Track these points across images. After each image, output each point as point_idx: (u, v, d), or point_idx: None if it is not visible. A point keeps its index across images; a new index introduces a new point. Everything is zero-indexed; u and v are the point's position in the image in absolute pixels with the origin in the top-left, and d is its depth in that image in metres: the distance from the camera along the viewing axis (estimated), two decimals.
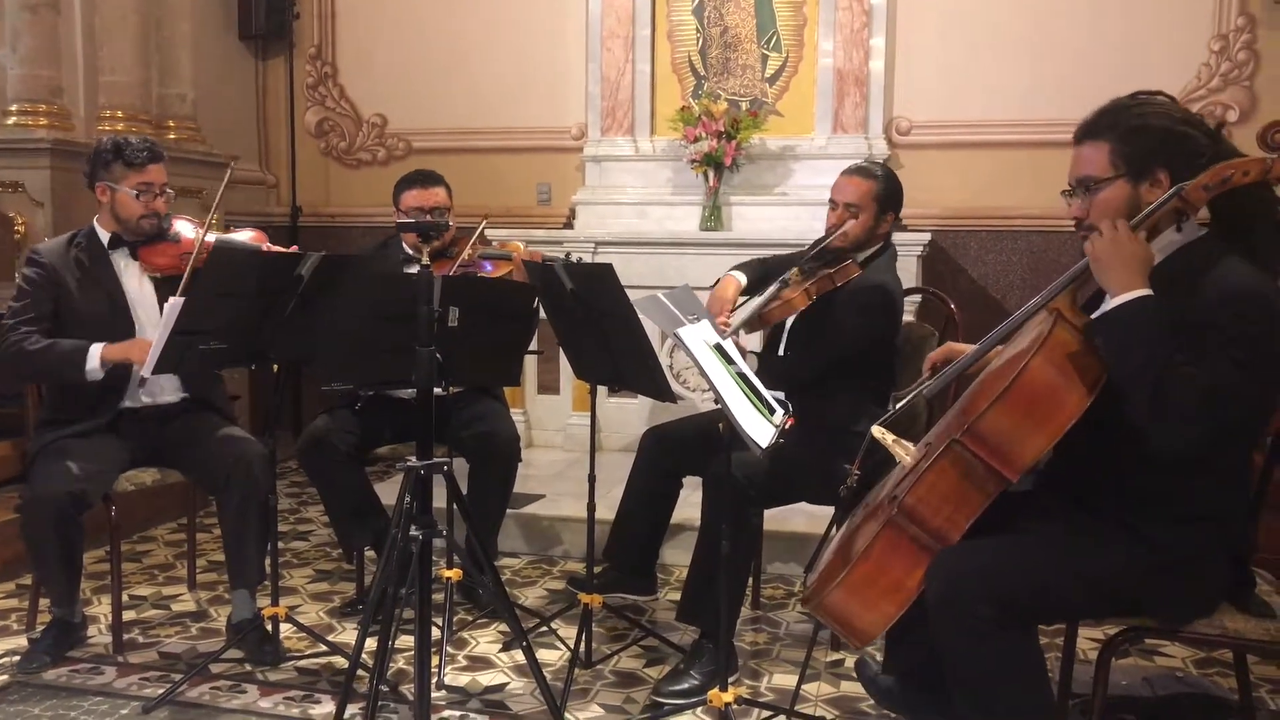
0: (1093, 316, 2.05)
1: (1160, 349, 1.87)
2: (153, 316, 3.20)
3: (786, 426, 2.40)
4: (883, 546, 2.06)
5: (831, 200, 3.21)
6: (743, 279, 3.31)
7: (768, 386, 2.54)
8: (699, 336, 2.43)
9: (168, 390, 3.29)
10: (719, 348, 2.47)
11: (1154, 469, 2.00)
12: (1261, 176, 1.94)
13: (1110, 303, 1.96)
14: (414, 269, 2.41)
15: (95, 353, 3.04)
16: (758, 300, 3.15)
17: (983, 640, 1.97)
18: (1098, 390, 1.94)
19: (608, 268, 2.67)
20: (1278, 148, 1.99)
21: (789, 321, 3.26)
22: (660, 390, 2.72)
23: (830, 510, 3.22)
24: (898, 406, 2.45)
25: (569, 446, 5.18)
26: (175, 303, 2.77)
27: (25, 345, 3.06)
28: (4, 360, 3.09)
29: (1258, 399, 1.92)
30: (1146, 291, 1.92)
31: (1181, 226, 2.02)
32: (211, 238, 3.22)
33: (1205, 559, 2.06)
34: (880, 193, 3.15)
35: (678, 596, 3.23)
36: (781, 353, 3.29)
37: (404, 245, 3.67)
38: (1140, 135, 2.01)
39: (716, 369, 2.37)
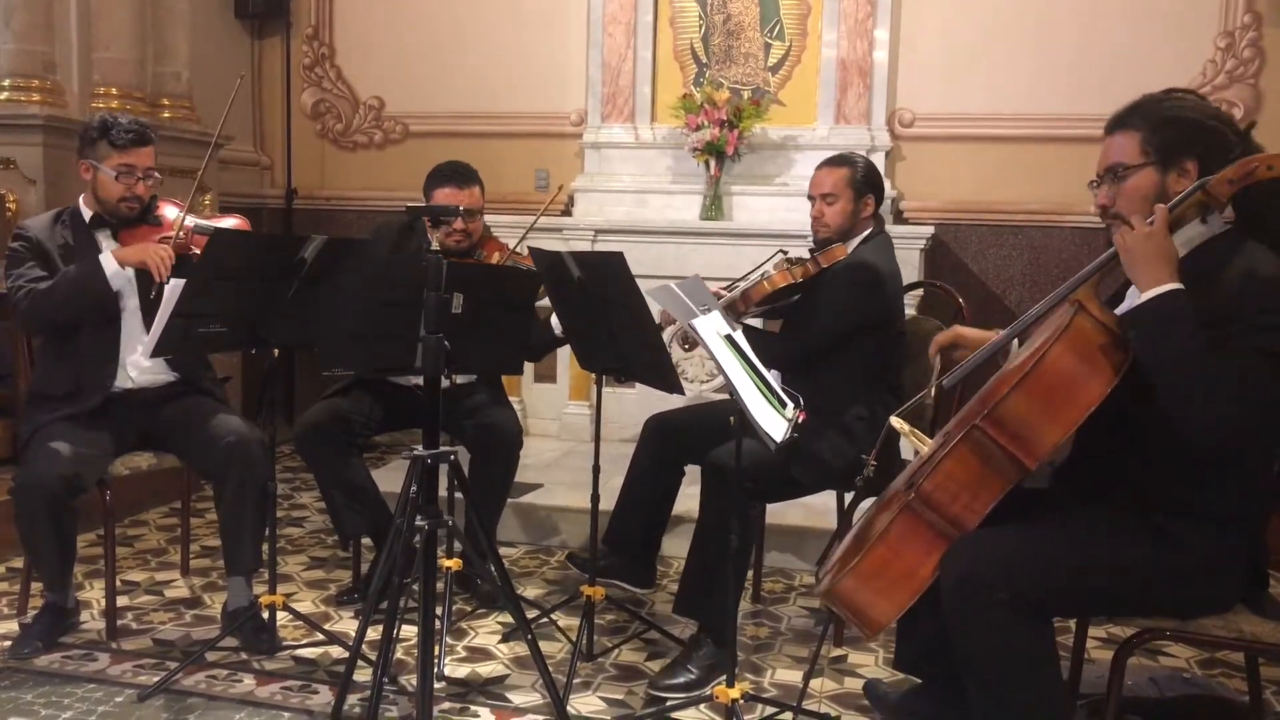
0: (1121, 310, 2.03)
1: (1193, 342, 1.87)
2: (134, 299, 3.15)
3: (799, 420, 2.37)
4: (899, 532, 2.04)
5: (810, 196, 3.23)
6: None
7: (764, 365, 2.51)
8: (711, 328, 2.39)
9: (157, 371, 3.23)
10: (729, 339, 2.43)
11: (1178, 467, 1.98)
12: None
13: (1140, 297, 1.94)
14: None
15: (108, 259, 3.03)
16: (743, 284, 3.15)
17: (998, 628, 1.95)
18: (1118, 380, 1.93)
19: (618, 256, 2.63)
20: None
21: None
22: (669, 382, 2.68)
23: (829, 499, 3.22)
24: (917, 396, 2.42)
25: (565, 435, 5.14)
26: (176, 284, 2.72)
27: (37, 289, 3.03)
28: (26, 310, 3.05)
29: None
30: (1177, 285, 1.91)
31: (1206, 219, 2.01)
32: (191, 221, 3.15)
33: (1226, 560, 2.04)
34: (855, 178, 3.16)
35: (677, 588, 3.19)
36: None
37: (430, 237, 3.42)
38: (1171, 125, 2.02)
39: (730, 361, 2.33)
